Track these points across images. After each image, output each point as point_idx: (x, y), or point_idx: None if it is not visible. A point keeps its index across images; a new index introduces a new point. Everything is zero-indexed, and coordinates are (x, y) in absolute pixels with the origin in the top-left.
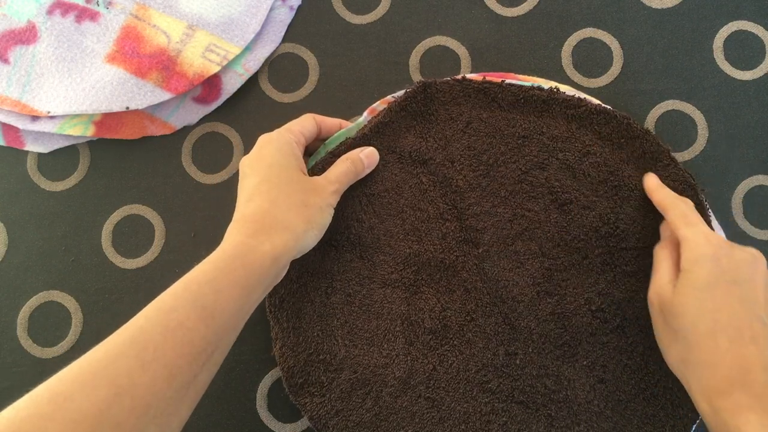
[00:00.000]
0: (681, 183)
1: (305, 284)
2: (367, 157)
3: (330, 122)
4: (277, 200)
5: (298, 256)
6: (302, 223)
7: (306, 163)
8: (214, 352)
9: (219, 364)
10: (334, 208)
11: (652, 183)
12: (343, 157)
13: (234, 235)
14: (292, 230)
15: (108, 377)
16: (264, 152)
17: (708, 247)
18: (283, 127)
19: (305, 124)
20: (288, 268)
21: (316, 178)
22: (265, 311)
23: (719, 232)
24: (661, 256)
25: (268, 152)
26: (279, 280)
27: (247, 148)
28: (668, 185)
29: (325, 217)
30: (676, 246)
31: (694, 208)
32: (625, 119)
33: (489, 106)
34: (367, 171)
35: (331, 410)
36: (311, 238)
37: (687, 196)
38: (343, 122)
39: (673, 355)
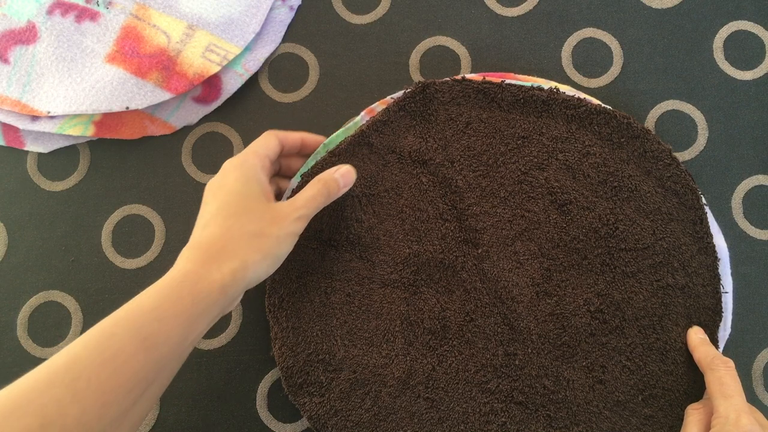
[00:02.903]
0: (681, 185)
1: (305, 284)
2: (342, 176)
3: (292, 137)
4: (232, 229)
5: (251, 286)
6: (255, 254)
7: (304, 161)
8: (152, 384)
9: (158, 395)
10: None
11: (695, 340)
12: (316, 178)
13: (184, 262)
14: (242, 260)
15: (36, 406)
16: (227, 178)
17: (735, 429)
18: (247, 149)
19: (269, 145)
20: (239, 300)
21: (280, 204)
22: (265, 311)
23: (718, 233)
24: (693, 419)
25: (231, 178)
26: (229, 310)
27: None
28: (669, 187)
29: (283, 247)
30: (709, 412)
31: (734, 371)
32: (625, 119)
33: (489, 107)
34: (344, 190)
35: (331, 410)
36: (264, 268)
37: (687, 199)
38: (305, 135)
39: None
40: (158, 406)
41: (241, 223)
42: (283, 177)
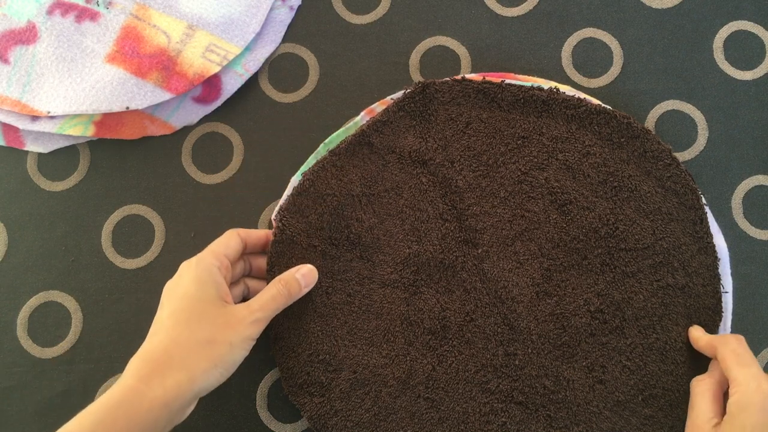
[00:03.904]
0: (681, 185)
1: None
2: (304, 276)
3: (255, 235)
4: (180, 337)
5: (203, 395)
6: (204, 362)
7: (308, 159)
8: None
9: None
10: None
11: (696, 331)
12: (276, 279)
13: (127, 376)
14: (189, 371)
15: None
16: (182, 280)
17: (758, 395)
18: (206, 249)
19: (229, 244)
20: (192, 407)
21: (236, 307)
22: None
23: (718, 233)
24: (700, 390)
25: (186, 281)
26: (180, 420)
27: (247, 148)
28: (669, 187)
29: (236, 354)
30: (717, 382)
31: (745, 344)
32: (625, 119)
33: (489, 107)
34: (305, 291)
35: (331, 410)
36: (215, 377)
37: (687, 199)
38: (270, 233)
39: None
40: None
41: (192, 329)
42: (254, 278)
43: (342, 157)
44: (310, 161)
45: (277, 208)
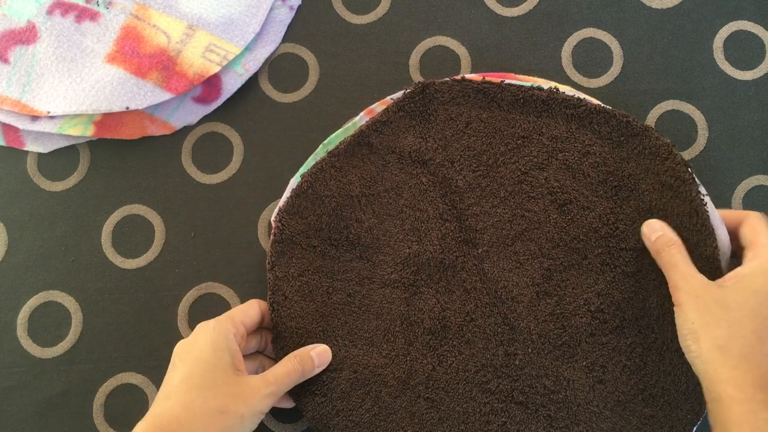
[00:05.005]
0: (676, 178)
1: (307, 282)
2: (318, 355)
3: None
4: (192, 405)
5: None
6: None
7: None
8: None
9: None
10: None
11: (726, 211)
12: (292, 354)
13: None
14: None
15: None
16: (197, 343)
17: None
18: (225, 314)
19: (249, 312)
20: None
21: (251, 378)
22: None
23: (721, 224)
24: (679, 255)
25: (201, 344)
26: None
27: (247, 148)
28: (665, 181)
29: (247, 426)
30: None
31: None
32: (624, 117)
33: (488, 107)
34: (318, 370)
35: (332, 410)
36: None
37: (682, 191)
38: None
39: (708, 341)
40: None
41: (205, 397)
42: (269, 357)
43: (341, 158)
44: (309, 162)
45: (276, 210)
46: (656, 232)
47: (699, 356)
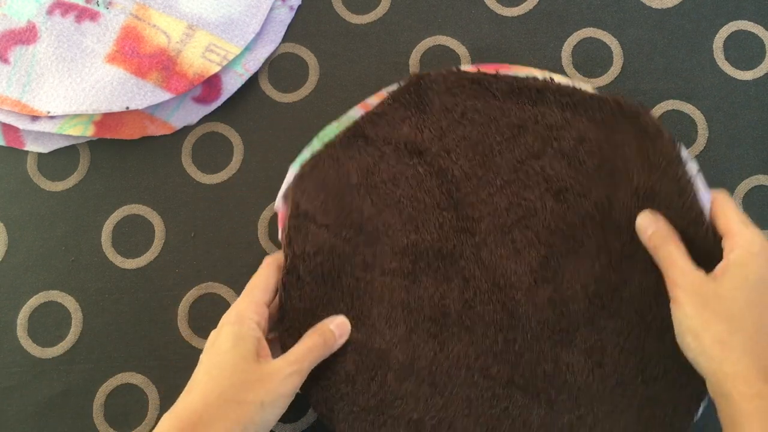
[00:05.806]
0: (661, 157)
1: (321, 264)
2: (338, 327)
3: None
4: (210, 397)
5: None
6: (230, 424)
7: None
8: None
9: None
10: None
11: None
12: (312, 330)
13: None
14: None
15: None
16: (220, 336)
17: (763, 246)
18: (246, 298)
19: (270, 286)
20: None
21: (272, 362)
22: None
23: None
24: (675, 246)
25: (223, 335)
26: None
27: (247, 148)
28: (653, 162)
29: (268, 414)
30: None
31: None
32: (617, 102)
33: (483, 96)
34: (340, 342)
35: (336, 394)
36: None
37: (668, 171)
38: None
39: (708, 337)
40: (159, 405)
41: (222, 388)
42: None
43: (337, 150)
44: (305, 154)
45: (280, 193)
46: (650, 227)
47: (701, 353)
